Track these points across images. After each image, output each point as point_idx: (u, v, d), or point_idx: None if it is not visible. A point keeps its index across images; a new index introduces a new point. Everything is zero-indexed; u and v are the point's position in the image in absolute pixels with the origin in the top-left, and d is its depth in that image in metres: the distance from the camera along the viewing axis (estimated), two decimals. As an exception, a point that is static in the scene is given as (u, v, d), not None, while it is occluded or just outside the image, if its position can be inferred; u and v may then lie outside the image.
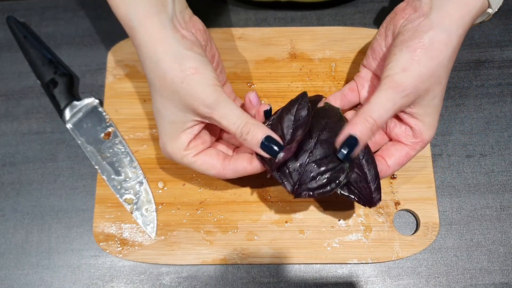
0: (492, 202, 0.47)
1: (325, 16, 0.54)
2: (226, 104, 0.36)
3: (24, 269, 0.46)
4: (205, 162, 0.40)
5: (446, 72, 0.38)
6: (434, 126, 0.40)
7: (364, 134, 0.36)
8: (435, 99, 0.38)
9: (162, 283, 0.45)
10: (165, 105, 0.37)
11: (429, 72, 0.37)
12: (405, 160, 0.40)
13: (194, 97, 0.36)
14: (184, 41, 0.37)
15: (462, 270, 0.45)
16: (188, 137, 0.39)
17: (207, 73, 0.36)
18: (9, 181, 0.49)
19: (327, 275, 0.45)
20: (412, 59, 0.36)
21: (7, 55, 0.53)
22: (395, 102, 0.36)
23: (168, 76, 0.36)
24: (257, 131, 0.37)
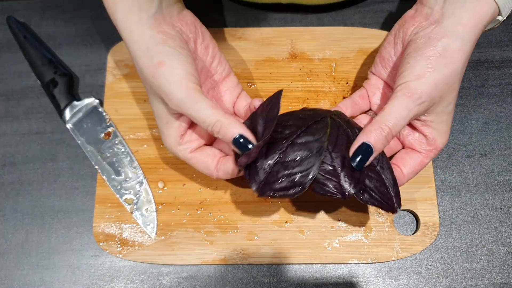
0: (492, 202, 0.47)
1: (325, 16, 0.54)
2: (195, 101, 0.35)
3: (24, 269, 0.46)
4: (200, 161, 0.39)
5: (459, 79, 0.38)
6: (447, 133, 0.40)
7: (379, 143, 0.36)
8: (449, 106, 0.39)
9: (162, 283, 0.45)
10: (152, 100, 0.39)
11: (444, 80, 0.37)
12: (419, 168, 0.40)
13: (163, 92, 0.36)
14: (159, 36, 0.37)
15: (462, 270, 0.45)
16: (178, 130, 0.39)
17: (177, 68, 0.36)
18: (9, 181, 0.49)
19: (327, 275, 0.45)
20: (426, 67, 0.36)
21: (7, 55, 0.53)
22: (410, 110, 0.36)
23: (143, 71, 0.37)
24: (229, 128, 0.36)
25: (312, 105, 0.49)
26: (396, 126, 0.36)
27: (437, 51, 0.37)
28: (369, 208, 0.46)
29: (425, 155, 0.40)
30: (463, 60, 0.37)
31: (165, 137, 0.40)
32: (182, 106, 0.35)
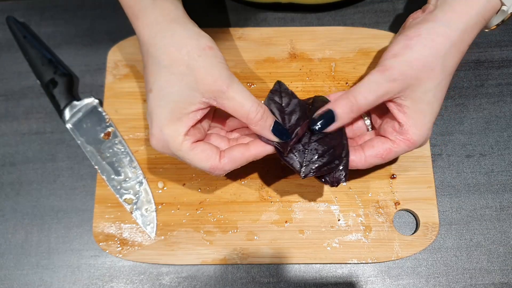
0: (492, 202, 0.47)
1: (325, 16, 0.54)
2: (239, 83, 0.36)
3: (24, 269, 0.46)
4: (204, 152, 0.37)
5: (442, 66, 0.37)
6: (424, 127, 0.38)
7: (343, 112, 0.37)
8: (427, 94, 0.37)
9: (162, 283, 0.45)
10: (171, 83, 0.36)
11: (421, 60, 0.36)
12: (384, 155, 0.39)
13: (209, 71, 0.35)
14: (195, 24, 0.38)
15: (462, 270, 0.45)
16: (191, 121, 0.36)
17: (221, 55, 0.37)
18: (9, 181, 0.49)
19: (327, 275, 0.45)
20: (405, 46, 0.37)
21: (7, 55, 0.53)
22: (379, 85, 0.37)
23: (184, 50, 0.35)
24: (269, 115, 0.37)
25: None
26: (364, 99, 0.37)
27: (420, 32, 0.37)
28: (369, 208, 0.46)
29: (394, 143, 0.38)
30: (446, 45, 0.36)
31: (170, 124, 0.36)
32: (230, 85, 0.35)
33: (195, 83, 0.35)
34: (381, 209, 0.46)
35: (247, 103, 0.36)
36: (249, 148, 0.38)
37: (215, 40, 0.43)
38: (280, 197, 0.46)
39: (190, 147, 0.37)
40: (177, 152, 0.37)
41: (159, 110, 0.36)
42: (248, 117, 0.36)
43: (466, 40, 0.37)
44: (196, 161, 0.37)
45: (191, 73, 0.35)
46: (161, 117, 0.36)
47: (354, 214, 0.46)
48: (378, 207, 0.46)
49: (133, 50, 0.51)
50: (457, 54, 0.37)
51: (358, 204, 0.46)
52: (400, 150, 0.39)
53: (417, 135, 0.38)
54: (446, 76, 0.38)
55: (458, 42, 0.37)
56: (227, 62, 0.50)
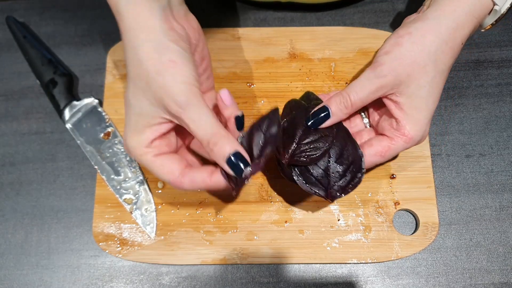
0: (492, 202, 0.47)
1: (324, 16, 0.54)
2: (198, 107, 0.34)
3: (24, 269, 0.46)
4: (164, 165, 0.36)
5: (433, 62, 0.37)
6: (420, 122, 0.39)
7: (338, 108, 0.39)
8: (421, 90, 0.38)
9: (162, 283, 0.45)
10: (136, 95, 0.35)
11: (411, 56, 0.37)
12: (383, 152, 0.40)
13: (166, 92, 0.33)
14: (171, 32, 0.35)
15: (462, 270, 0.45)
16: (153, 134, 0.36)
17: (186, 70, 0.34)
18: (9, 181, 0.49)
19: (327, 275, 0.45)
20: (396, 43, 0.38)
21: (7, 55, 0.53)
22: (370, 81, 0.38)
23: (143, 65, 0.34)
24: (226, 144, 0.34)
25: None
26: (356, 95, 0.38)
27: (409, 31, 0.38)
28: (369, 208, 0.46)
29: (392, 140, 0.39)
30: (436, 42, 0.37)
31: (134, 135, 0.36)
32: (185, 108, 0.33)
33: (155, 100, 0.34)
34: (381, 209, 0.46)
35: (200, 131, 0.34)
36: (212, 177, 0.36)
37: (215, 40, 0.43)
38: (280, 197, 0.46)
39: (150, 160, 0.36)
40: (140, 162, 0.37)
41: (126, 120, 0.36)
42: (203, 143, 0.35)
43: (457, 38, 0.38)
44: (156, 173, 0.36)
45: (150, 90, 0.34)
46: (126, 128, 0.36)
47: (354, 214, 0.46)
48: (377, 207, 0.46)
49: (133, 50, 0.51)
50: (449, 51, 0.38)
51: (357, 204, 0.46)
52: (399, 147, 0.39)
53: (414, 130, 0.39)
54: (440, 73, 0.38)
55: (449, 39, 0.37)
56: (227, 62, 0.50)
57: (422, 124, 0.39)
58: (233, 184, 0.35)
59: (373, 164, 0.41)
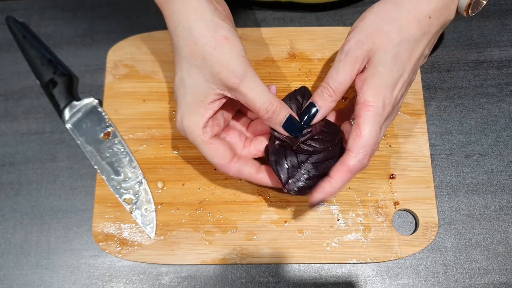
0: (491, 202, 0.47)
1: (324, 16, 0.54)
2: (254, 78, 0.36)
3: (24, 269, 0.46)
4: (218, 150, 0.39)
5: (397, 29, 0.37)
6: (380, 87, 0.36)
7: (323, 100, 0.39)
8: (385, 56, 0.37)
9: (162, 283, 0.45)
10: (190, 74, 0.37)
11: (374, 25, 0.38)
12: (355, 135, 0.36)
13: (223, 65, 0.35)
14: (217, 12, 0.37)
15: (461, 269, 0.45)
16: (208, 112, 0.38)
17: (238, 45, 0.36)
18: (9, 181, 0.49)
19: (327, 275, 0.45)
20: (359, 19, 0.39)
21: (6, 55, 0.53)
22: (343, 61, 0.38)
23: (200, 42, 0.36)
24: (281, 110, 0.38)
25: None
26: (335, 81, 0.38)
27: (372, 6, 0.39)
28: (368, 208, 0.46)
29: (357, 116, 0.36)
30: (396, 11, 0.38)
31: (191, 115, 0.38)
32: (243, 79, 0.36)
33: (210, 76, 0.36)
34: (381, 209, 0.46)
35: (258, 100, 0.36)
36: (258, 173, 0.40)
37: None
38: (279, 197, 0.46)
39: (206, 142, 0.38)
40: (194, 142, 0.39)
41: (181, 100, 0.38)
42: (259, 113, 0.37)
43: (422, 11, 0.37)
44: (208, 155, 0.39)
45: (206, 66, 0.36)
46: (182, 108, 0.38)
47: (354, 214, 0.46)
48: (377, 207, 0.46)
49: (132, 50, 0.52)
50: (413, 21, 0.37)
51: (357, 204, 0.46)
52: (365, 121, 0.36)
53: (372, 96, 0.36)
54: (405, 41, 0.37)
55: (411, 10, 0.37)
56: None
57: (382, 89, 0.36)
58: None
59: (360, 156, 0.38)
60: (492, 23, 0.53)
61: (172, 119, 0.49)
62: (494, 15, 0.53)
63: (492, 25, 0.53)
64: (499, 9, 0.54)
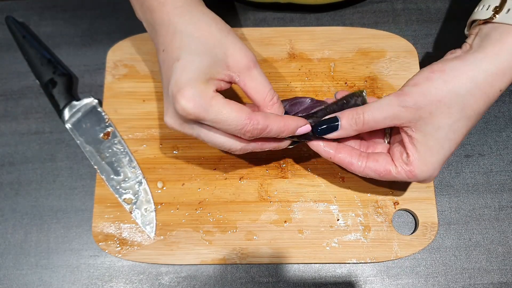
0: (491, 202, 0.47)
1: (324, 16, 0.54)
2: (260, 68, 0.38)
3: (23, 269, 0.46)
4: (237, 104, 0.35)
5: (460, 105, 0.35)
6: (430, 165, 0.37)
7: (348, 123, 0.38)
8: (439, 132, 0.36)
9: (161, 283, 0.45)
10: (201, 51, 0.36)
11: (437, 94, 0.35)
12: (382, 173, 0.39)
13: (239, 48, 0.37)
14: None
15: (461, 269, 0.45)
16: (215, 85, 0.36)
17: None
18: (8, 181, 0.49)
19: (326, 275, 0.45)
20: (426, 77, 0.36)
21: (6, 55, 0.53)
22: (390, 107, 0.36)
23: (214, 26, 0.37)
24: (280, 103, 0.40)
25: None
26: (371, 115, 0.37)
27: (444, 68, 0.36)
28: (368, 208, 0.46)
29: (396, 168, 0.38)
30: (468, 85, 0.35)
31: (198, 84, 0.35)
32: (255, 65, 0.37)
33: (224, 55, 0.36)
34: (380, 209, 0.46)
35: (267, 84, 0.38)
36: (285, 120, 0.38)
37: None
38: (279, 197, 0.46)
39: (223, 100, 0.35)
40: (208, 108, 0.35)
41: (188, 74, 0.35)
42: (266, 99, 0.38)
43: (495, 84, 0.35)
44: (230, 116, 0.35)
45: (221, 46, 0.36)
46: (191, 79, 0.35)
47: (353, 214, 0.46)
48: (377, 207, 0.46)
49: (132, 50, 0.51)
50: (482, 97, 0.35)
51: (357, 204, 0.46)
52: (399, 177, 0.38)
53: (420, 171, 0.37)
54: (465, 118, 0.35)
55: (484, 85, 0.35)
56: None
57: (431, 167, 0.37)
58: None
59: (367, 176, 0.39)
60: (491, 23, 0.53)
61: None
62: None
63: (491, 25, 0.53)
64: None
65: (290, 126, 0.38)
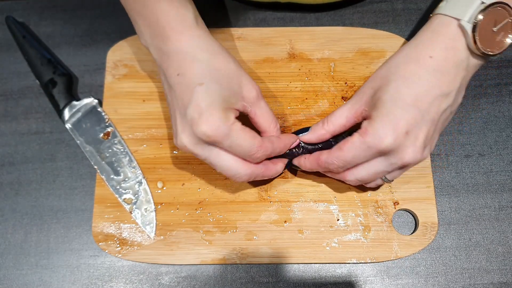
0: (491, 202, 0.47)
1: (324, 16, 0.54)
2: (264, 101, 0.42)
3: (23, 269, 0.46)
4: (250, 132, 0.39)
5: (395, 73, 0.39)
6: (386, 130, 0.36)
7: (316, 126, 0.43)
8: (388, 102, 0.37)
9: (161, 283, 0.45)
10: (222, 81, 0.38)
11: (379, 72, 0.41)
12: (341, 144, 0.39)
13: (250, 81, 0.40)
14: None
15: (461, 269, 0.45)
16: (234, 114, 0.39)
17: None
18: (8, 181, 0.49)
19: (326, 275, 0.45)
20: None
21: (6, 55, 0.53)
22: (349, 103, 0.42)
23: (231, 61, 0.40)
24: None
25: (311, 105, 0.49)
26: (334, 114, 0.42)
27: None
28: (368, 208, 0.46)
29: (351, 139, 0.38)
30: (400, 58, 0.40)
31: (220, 112, 0.37)
32: (261, 95, 0.41)
33: (239, 87, 0.40)
34: (380, 209, 0.46)
35: (271, 112, 0.42)
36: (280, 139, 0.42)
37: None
38: (279, 197, 0.46)
39: (241, 127, 0.38)
40: (228, 133, 0.37)
41: (211, 99, 0.37)
42: (271, 126, 0.42)
43: (422, 51, 0.39)
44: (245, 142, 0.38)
45: (237, 79, 0.40)
46: (214, 104, 0.37)
47: (353, 214, 0.46)
48: (377, 207, 0.46)
49: (132, 50, 0.52)
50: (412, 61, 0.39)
51: (357, 204, 0.46)
52: (354, 141, 0.38)
53: (371, 128, 0.37)
54: (402, 78, 0.38)
55: (411, 53, 0.40)
56: (227, 62, 0.50)
57: (388, 132, 0.36)
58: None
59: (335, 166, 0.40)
60: (491, 23, 0.53)
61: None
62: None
63: (491, 25, 0.53)
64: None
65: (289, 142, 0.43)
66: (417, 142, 0.37)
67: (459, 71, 0.38)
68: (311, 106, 0.49)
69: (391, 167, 0.38)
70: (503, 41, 0.38)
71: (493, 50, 0.38)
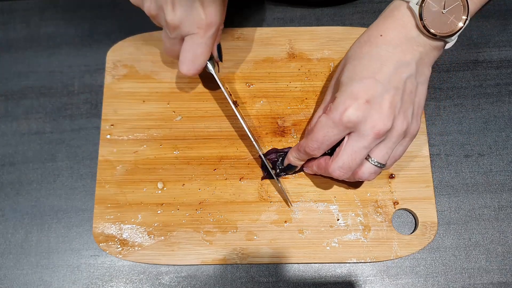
0: (490, 202, 0.47)
1: (323, 16, 0.54)
2: None
3: (24, 269, 0.46)
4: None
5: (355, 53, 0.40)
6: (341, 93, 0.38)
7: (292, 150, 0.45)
8: (345, 73, 0.39)
9: (162, 283, 0.45)
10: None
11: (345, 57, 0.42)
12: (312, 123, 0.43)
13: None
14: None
15: (461, 269, 0.45)
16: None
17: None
18: (9, 181, 0.49)
19: (326, 275, 0.45)
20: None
21: (6, 55, 0.53)
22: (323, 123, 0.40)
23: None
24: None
25: (311, 105, 0.49)
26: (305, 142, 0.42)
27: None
28: (368, 207, 0.46)
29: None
30: (363, 37, 0.41)
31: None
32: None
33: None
34: (380, 209, 0.46)
35: None
36: None
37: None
38: (279, 197, 0.47)
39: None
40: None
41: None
42: None
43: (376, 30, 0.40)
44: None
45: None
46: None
47: (353, 213, 0.46)
48: (377, 206, 0.46)
49: (132, 50, 0.52)
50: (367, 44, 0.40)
51: (357, 203, 0.46)
52: (321, 119, 0.39)
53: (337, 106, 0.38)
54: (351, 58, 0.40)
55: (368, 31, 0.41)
56: (226, 62, 0.51)
57: (342, 94, 0.38)
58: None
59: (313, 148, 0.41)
60: (491, 23, 0.53)
61: (172, 119, 0.49)
62: (493, 15, 0.53)
63: (491, 25, 0.53)
64: (499, 9, 0.54)
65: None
66: (383, 109, 0.37)
67: (412, 45, 0.39)
68: (311, 106, 0.49)
69: (367, 141, 0.38)
70: (455, 23, 0.38)
71: (442, 31, 0.38)
